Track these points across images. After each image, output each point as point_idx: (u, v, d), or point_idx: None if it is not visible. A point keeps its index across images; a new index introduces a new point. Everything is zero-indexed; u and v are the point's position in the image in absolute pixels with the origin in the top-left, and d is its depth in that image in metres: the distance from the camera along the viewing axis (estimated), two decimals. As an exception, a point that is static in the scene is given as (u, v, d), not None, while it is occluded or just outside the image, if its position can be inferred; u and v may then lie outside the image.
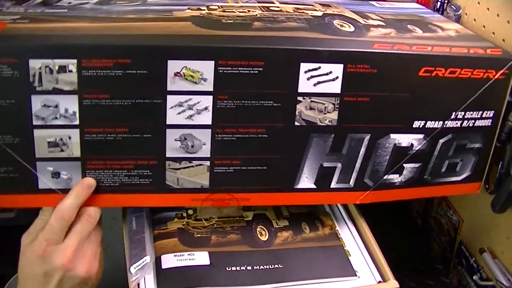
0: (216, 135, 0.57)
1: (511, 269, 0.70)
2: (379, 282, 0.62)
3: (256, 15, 0.64)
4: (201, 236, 0.64)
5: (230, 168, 0.59)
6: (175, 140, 0.57)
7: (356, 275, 0.62)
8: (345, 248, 0.66)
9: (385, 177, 0.63)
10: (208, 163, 0.59)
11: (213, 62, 0.54)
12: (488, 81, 0.61)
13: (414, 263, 0.89)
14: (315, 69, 0.57)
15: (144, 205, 0.60)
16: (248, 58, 0.55)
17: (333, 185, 0.63)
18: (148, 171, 0.58)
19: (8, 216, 0.91)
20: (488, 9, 0.69)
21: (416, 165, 0.64)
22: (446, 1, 0.81)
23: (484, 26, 0.73)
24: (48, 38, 0.53)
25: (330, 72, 0.57)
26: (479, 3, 0.72)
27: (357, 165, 0.62)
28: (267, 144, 0.59)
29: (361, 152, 0.61)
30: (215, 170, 0.59)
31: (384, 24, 0.66)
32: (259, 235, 0.65)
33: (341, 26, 0.62)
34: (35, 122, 0.54)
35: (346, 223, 0.70)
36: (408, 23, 0.68)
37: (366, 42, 0.59)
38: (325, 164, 0.61)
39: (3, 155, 0.54)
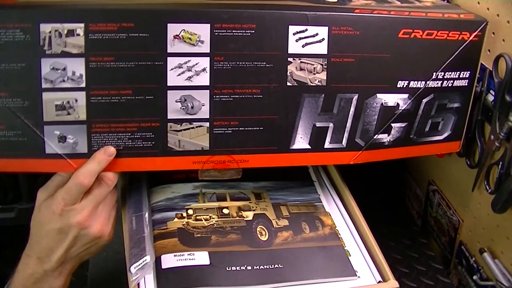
0: (214, 96, 0.61)
1: (511, 269, 0.70)
2: (379, 282, 0.62)
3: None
4: (201, 236, 0.64)
5: (229, 129, 0.62)
6: (176, 101, 0.60)
7: (356, 275, 0.63)
8: (345, 248, 0.66)
9: (375, 137, 0.67)
10: (207, 124, 0.62)
11: (209, 25, 0.59)
12: (463, 42, 0.67)
13: (414, 263, 0.89)
14: (303, 31, 0.61)
15: (147, 169, 0.62)
16: (241, 21, 0.59)
17: (327, 145, 0.66)
18: (151, 133, 0.61)
19: (8, 216, 0.92)
20: (488, 9, 0.69)
21: (403, 124, 0.68)
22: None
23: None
24: (58, 4, 0.58)
25: (317, 34, 0.62)
26: (479, 3, 0.71)
27: (348, 124, 0.66)
28: (262, 104, 0.62)
29: (351, 112, 0.65)
30: (214, 131, 0.62)
31: None
32: (259, 235, 0.66)
33: (326, -2, 0.68)
34: (44, 85, 0.57)
35: (345, 222, 0.71)
36: None
37: (348, 9, 0.64)
38: (318, 124, 0.65)
39: (12, 119, 0.57)
